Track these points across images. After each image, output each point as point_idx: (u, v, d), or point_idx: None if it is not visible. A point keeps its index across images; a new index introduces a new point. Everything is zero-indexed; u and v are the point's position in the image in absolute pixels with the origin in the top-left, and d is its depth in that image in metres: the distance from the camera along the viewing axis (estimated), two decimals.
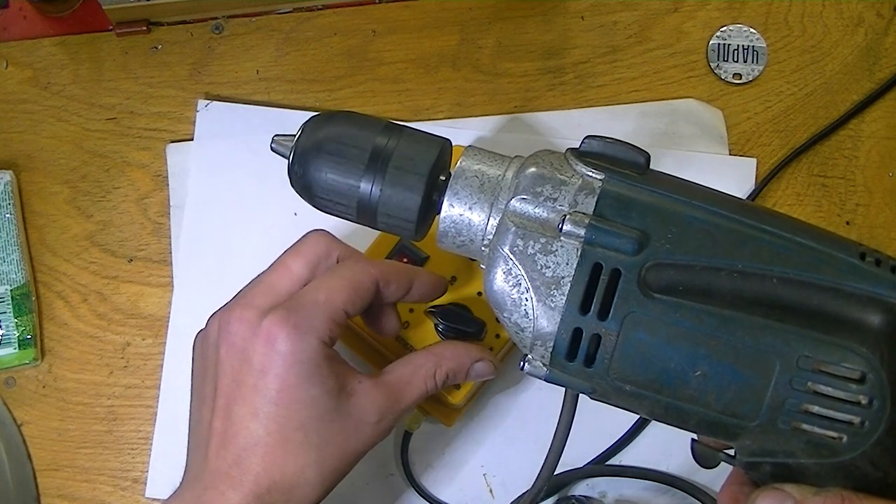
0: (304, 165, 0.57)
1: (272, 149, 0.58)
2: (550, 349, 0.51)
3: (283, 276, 0.65)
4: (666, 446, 0.79)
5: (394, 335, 0.70)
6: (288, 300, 0.62)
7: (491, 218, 0.55)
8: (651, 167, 0.54)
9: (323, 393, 0.60)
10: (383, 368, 0.66)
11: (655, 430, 0.80)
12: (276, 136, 0.58)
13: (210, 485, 0.60)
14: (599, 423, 0.78)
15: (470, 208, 0.55)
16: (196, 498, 0.60)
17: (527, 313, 0.52)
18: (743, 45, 0.91)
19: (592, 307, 0.50)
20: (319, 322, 0.61)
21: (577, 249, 0.51)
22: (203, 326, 0.66)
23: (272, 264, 0.66)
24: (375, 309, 0.68)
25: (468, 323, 0.72)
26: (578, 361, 0.51)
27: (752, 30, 0.91)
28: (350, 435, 0.62)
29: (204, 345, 0.65)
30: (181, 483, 0.63)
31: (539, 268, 0.51)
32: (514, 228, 0.52)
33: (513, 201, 0.53)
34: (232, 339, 0.62)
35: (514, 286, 0.52)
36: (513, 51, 0.91)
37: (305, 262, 0.65)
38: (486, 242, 0.55)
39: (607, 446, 0.80)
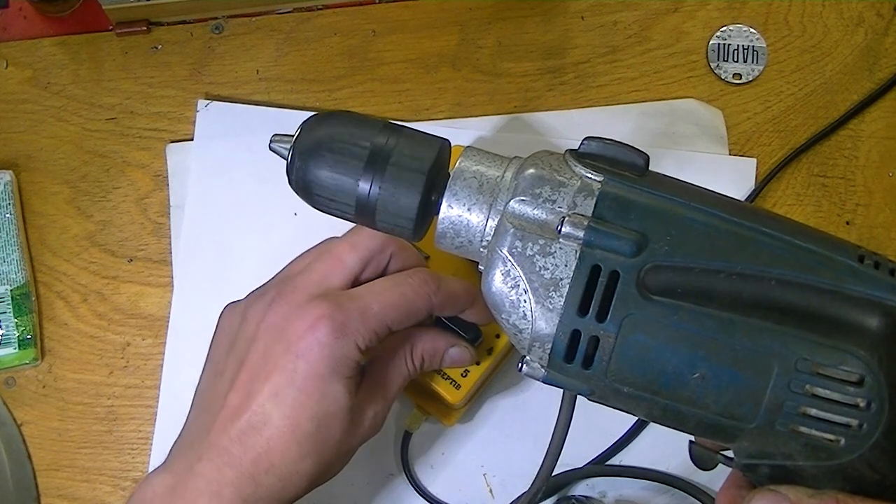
0: (303, 165, 0.57)
1: (270, 148, 0.58)
2: (548, 351, 0.51)
3: (335, 268, 0.64)
4: (666, 446, 0.79)
5: None
6: (342, 295, 0.62)
7: (490, 219, 0.55)
8: (651, 167, 0.54)
9: (343, 392, 0.61)
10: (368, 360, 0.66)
11: (655, 430, 0.80)
12: (275, 135, 0.58)
13: (206, 456, 0.60)
14: (599, 422, 0.79)
15: (469, 209, 0.55)
16: (188, 467, 0.60)
17: (525, 315, 0.52)
18: (743, 45, 0.91)
19: (591, 309, 0.50)
20: (364, 329, 0.61)
21: (576, 251, 0.51)
22: (235, 300, 0.66)
23: (321, 251, 0.66)
24: None
25: (467, 328, 0.72)
26: (576, 363, 0.51)
27: (752, 30, 0.91)
28: (352, 435, 0.63)
29: (235, 317, 0.65)
30: (171, 450, 0.63)
31: (537, 269, 0.51)
32: (512, 230, 0.52)
33: (511, 202, 0.53)
34: (273, 318, 0.62)
35: (513, 287, 0.52)
36: (513, 51, 0.91)
37: (359, 257, 0.65)
38: (484, 244, 0.55)
39: (607, 446, 0.80)
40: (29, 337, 0.81)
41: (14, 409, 0.81)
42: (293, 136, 0.58)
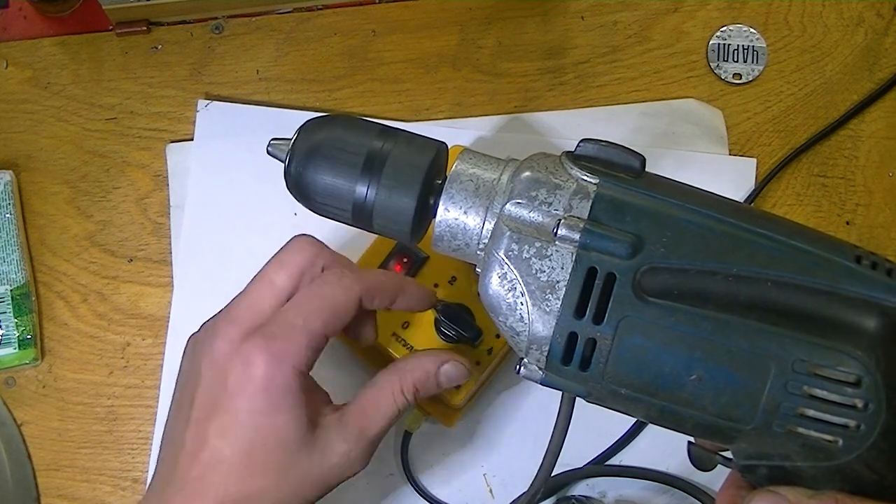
0: (300, 169, 0.57)
1: (268, 152, 0.59)
2: (546, 353, 0.51)
3: (265, 291, 0.64)
4: (665, 446, 0.79)
5: (369, 344, 0.69)
6: (270, 323, 0.62)
7: (486, 222, 0.55)
8: (651, 167, 0.54)
9: (290, 420, 0.60)
10: (351, 397, 0.65)
11: (655, 430, 0.80)
12: (273, 139, 0.58)
13: (174, 499, 0.61)
14: (599, 423, 0.79)
15: (465, 212, 0.55)
16: None
17: (522, 317, 0.52)
18: (743, 45, 0.91)
19: (587, 311, 0.50)
20: (296, 350, 0.61)
21: (572, 254, 0.51)
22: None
23: (257, 274, 0.65)
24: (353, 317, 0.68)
25: (467, 327, 0.72)
26: (574, 365, 0.51)
27: (752, 30, 0.91)
28: (314, 465, 0.61)
29: (188, 351, 0.65)
30: (148, 488, 0.64)
31: (534, 272, 0.51)
32: (509, 233, 0.52)
33: (508, 205, 0.53)
34: (214, 356, 0.62)
35: (510, 290, 0.52)
36: (513, 51, 0.91)
37: (288, 274, 0.64)
38: (481, 246, 0.55)
39: (607, 446, 0.80)
40: (29, 337, 0.81)
41: (14, 409, 0.81)
42: (291, 139, 0.58)
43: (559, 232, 0.50)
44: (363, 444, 0.63)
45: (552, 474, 0.60)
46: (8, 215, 0.84)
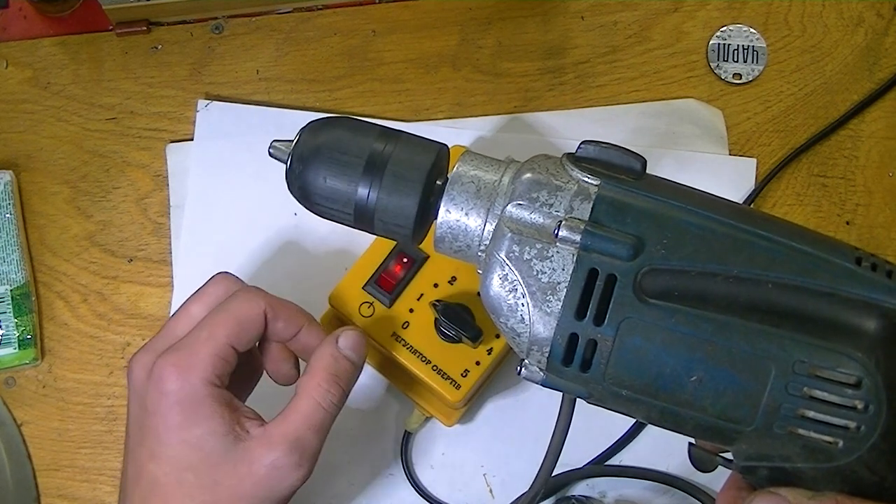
0: (302, 171, 0.57)
1: (270, 154, 0.59)
2: (547, 354, 0.52)
3: (182, 321, 0.65)
4: (666, 446, 0.79)
5: (287, 383, 0.69)
6: (178, 342, 0.63)
7: (487, 223, 0.55)
8: (651, 168, 0.54)
9: (208, 433, 0.60)
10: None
11: (655, 430, 0.79)
12: (274, 141, 0.59)
13: None
14: (599, 423, 0.79)
15: (466, 214, 0.55)
16: None
17: (523, 318, 0.52)
18: (743, 45, 0.91)
19: (588, 312, 0.50)
20: (201, 360, 0.61)
21: (573, 255, 0.51)
22: None
23: (177, 309, 0.67)
24: (270, 349, 0.68)
25: (467, 328, 0.72)
26: (575, 366, 0.51)
27: (752, 30, 0.91)
28: (243, 478, 0.60)
29: (128, 388, 0.66)
30: None
31: (535, 273, 0.51)
32: (510, 234, 0.52)
33: (509, 207, 0.53)
34: (133, 384, 0.63)
35: (511, 291, 0.52)
36: (513, 51, 0.91)
37: (204, 304, 0.65)
38: (482, 248, 0.55)
39: (607, 446, 0.80)
40: (29, 337, 0.81)
41: (14, 409, 0.81)
42: (292, 141, 0.58)
43: (560, 233, 0.50)
44: (291, 452, 0.61)
45: (552, 474, 0.60)
46: (8, 215, 0.84)
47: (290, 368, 0.69)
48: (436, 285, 0.76)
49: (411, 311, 0.75)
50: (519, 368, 0.53)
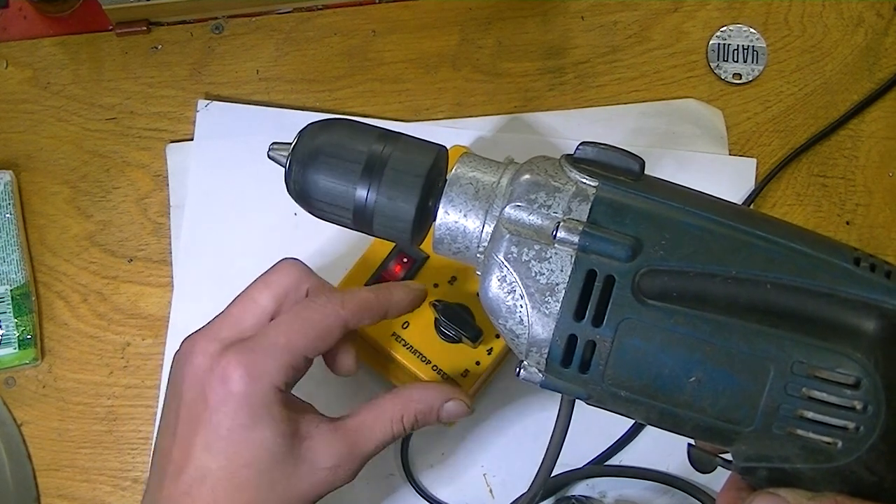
0: (301, 172, 0.57)
1: (269, 156, 0.59)
2: (546, 355, 0.51)
3: (248, 309, 0.64)
4: (665, 446, 0.79)
5: (349, 374, 0.69)
6: (249, 339, 0.62)
7: (486, 225, 0.55)
8: (650, 167, 0.54)
9: (273, 435, 0.60)
10: (349, 411, 0.65)
11: (655, 430, 0.79)
12: (273, 143, 0.59)
13: None
14: (599, 423, 0.78)
15: (465, 215, 0.55)
16: None
17: (522, 320, 0.52)
18: (743, 45, 0.91)
19: (587, 314, 0.50)
20: (275, 367, 0.61)
21: (572, 256, 0.51)
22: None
23: (241, 293, 0.66)
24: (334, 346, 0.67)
25: (467, 328, 0.72)
26: (573, 368, 0.51)
27: (752, 30, 0.91)
28: (302, 478, 0.61)
29: (175, 367, 0.65)
30: (142, 502, 0.65)
31: (533, 275, 0.51)
32: (508, 235, 0.52)
33: (507, 208, 0.53)
34: (194, 371, 0.62)
35: (509, 293, 0.52)
36: (513, 51, 0.91)
37: (272, 294, 0.64)
38: (481, 249, 0.55)
39: (607, 446, 0.80)
40: (29, 337, 0.81)
41: (14, 409, 0.81)
42: (291, 143, 0.58)
43: (558, 234, 0.51)
44: (353, 461, 0.63)
45: (552, 474, 0.60)
46: (8, 215, 0.84)
47: (351, 362, 0.68)
48: (436, 285, 0.76)
49: None
50: (518, 370, 0.53)
